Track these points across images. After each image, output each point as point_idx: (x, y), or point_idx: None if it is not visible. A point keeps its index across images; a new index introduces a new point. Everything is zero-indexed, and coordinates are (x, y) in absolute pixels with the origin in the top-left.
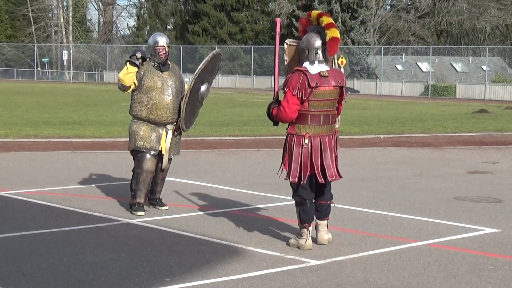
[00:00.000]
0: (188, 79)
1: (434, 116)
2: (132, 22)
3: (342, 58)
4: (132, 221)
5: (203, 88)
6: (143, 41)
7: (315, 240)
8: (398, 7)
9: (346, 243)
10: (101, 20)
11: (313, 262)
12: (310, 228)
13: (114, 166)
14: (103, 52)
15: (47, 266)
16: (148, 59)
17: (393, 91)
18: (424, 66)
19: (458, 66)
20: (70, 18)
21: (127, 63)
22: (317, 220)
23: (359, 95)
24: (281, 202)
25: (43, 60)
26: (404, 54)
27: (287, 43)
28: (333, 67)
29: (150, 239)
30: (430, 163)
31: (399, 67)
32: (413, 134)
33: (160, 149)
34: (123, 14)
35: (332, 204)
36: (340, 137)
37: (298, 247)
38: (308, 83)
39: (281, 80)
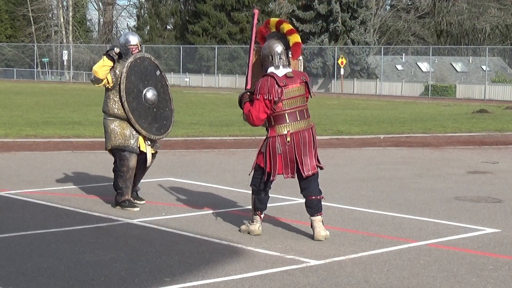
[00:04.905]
0: (188, 79)
1: (434, 116)
2: (132, 22)
3: (342, 58)
4: (132, 221)
5: (148, 94)
6: (144, 41)
7: (312, 237)
8: (398, 7)
9: (346, 243)
10: (101, 20)
11: (313, 262)
12: (262, 216)
13: None
14: (103, 52)
15: (47, 266)
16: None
17: (393, 91)
18: (424, 66)
19: (458, 66)
20: (70, 18)
21: (104, 56)
22: (311, 217)
23: (359, 95)
24: (281, 202)
25: (43, 60)
26: (404, 54)
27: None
28: (299, 70)
29: (150, 239)
30: (430, 163)
31: (399, 67)
32: (413, 134)
33: (138, 145)
34: (123, 14)
35: (322, 199)
36: (340, 137)
37: (249, 233)
38: (277, 83)
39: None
